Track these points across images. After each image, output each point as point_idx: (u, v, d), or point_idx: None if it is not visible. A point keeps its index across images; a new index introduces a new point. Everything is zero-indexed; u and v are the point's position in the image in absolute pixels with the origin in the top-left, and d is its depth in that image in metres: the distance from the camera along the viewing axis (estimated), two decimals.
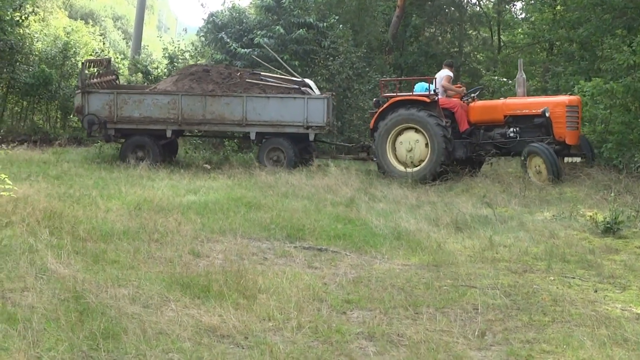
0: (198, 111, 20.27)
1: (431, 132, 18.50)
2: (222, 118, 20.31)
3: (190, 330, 6.54)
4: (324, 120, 20.13)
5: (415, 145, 18.79)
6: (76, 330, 6.30)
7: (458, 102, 19.40)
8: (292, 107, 20.16)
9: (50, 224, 10.42)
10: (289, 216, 12.27)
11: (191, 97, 20.31)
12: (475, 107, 19.37)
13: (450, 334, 6.78)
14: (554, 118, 17.99)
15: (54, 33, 31.78)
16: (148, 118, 20.32)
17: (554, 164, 16.93)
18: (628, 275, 9.19)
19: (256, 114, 20.17)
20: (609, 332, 6.82)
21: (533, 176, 17.36)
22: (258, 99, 20.23)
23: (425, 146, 18.68)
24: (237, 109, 20.19)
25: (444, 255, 10.05)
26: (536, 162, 17.39)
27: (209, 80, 21.03)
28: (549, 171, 16.94)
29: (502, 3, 38.31)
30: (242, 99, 20.15)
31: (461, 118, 19.10)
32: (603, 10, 24.63)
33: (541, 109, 18.16)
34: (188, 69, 22.31)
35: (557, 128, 17.97)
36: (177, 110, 20.20)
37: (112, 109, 20.25)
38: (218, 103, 20.25)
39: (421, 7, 35.81)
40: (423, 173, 18.45)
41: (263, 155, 20.35)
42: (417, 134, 18.84)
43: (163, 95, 20.45)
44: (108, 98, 20.41)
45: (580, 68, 24.86)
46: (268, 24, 27.90)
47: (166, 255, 9.32)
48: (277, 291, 7.84)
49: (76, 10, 57.43)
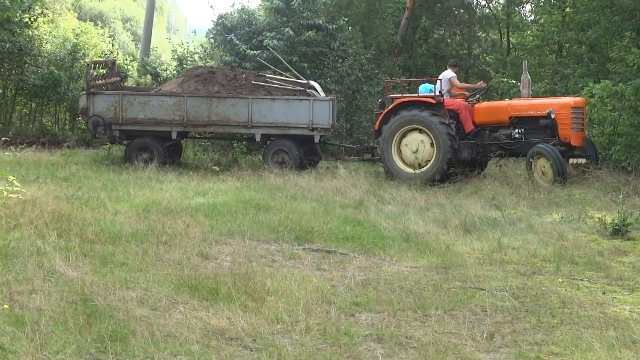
0: (203, 113, 20.23)
1: (435, 132, 18.49)
2: (228, 120, 20.27)
3: (199, 332, 6.54)
4: (329, 122, 20.08)
5: (420, 146, 18.77)
6: (84, 333, 6.31)
7: (463, 103, 19.44)
8: (298, 109, 20.11)
9: (59, 226, 10.43)
10: (298, 218, 12.27)
11: (196, 99, 20.28)
12: (480, 108, 19.38)
13: (458, 336, 6.77)
14: (559, 119, 17.96)
15: (63, 35, 31.80)
16: (153, 120, 20.29)
17: (559, 165, 16.91)
18: (636, 277, 9.17)
19: (261, 116, 20.13)
20: (617, 334, 6.81)
21: (539, 177, 17.35)
22: (263, 101, 20.20)
23: (430, 146, 18.66)
24: (243, 111, 20.16)
25: (453, 257, 10.04)
26: (542, 163, 17.37)
27: (214, 82, 21.02)
28: (554, 172, 16.91)
29: (512, 5, 38.26)
30: (248, 101, 20.12)
31: (466, 119, 19.10)
32: (612, 12, 24.61)
33: (546, 110, 18.11)
34: (193, 71, 22.32)
35: (563, 129, 17.92)
36: (182, 111, 20.17)
37: (117, 111, 20.24)
38: (223, 105, 20.23)
39: (430, 9, 35.77)
40: (431, 173, 18.45)
41: (268, 158, 20.34)
42: (421, 135, 18.84)
43: (168, 97, 20.43)
44: (113, 99, 20.40)
45: (589, 70, 24.84)
46: (277, 26, 27.93)
47: (174, 257, 9.33)
48: (285, 293, 7.84)
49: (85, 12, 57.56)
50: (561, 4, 29.84)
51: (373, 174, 19.88)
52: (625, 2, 23.54)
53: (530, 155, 17.64)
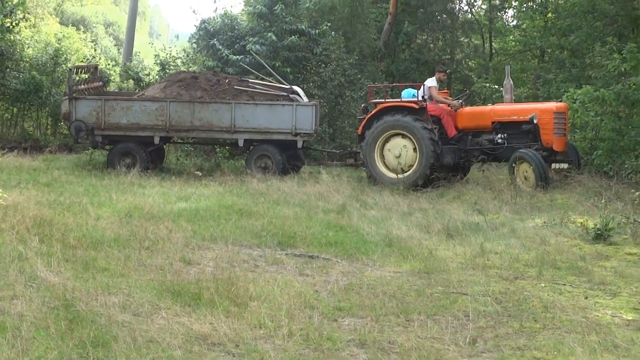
0: (186, 118, 20.21)
1: (418, 136, 18.51)
2: (210, 125, 20.26)
3: (181, 338, 6.52)
4: (312, 127, 20.12)
5: (403, 151, 18.81)
6: (66, 339, 6.28)
7: (445, 108, 19.46)
8: (281, 114, 20.13)
9: (40, 232, 10.39)
10: (281, 223, 12.26)
11: (179, 104, 20.24)
12: (462, 113, 19.44)
13: (441, 341, 6.78)
14: (541, 125, 18.05)
15: (45, 39, 31.67)
16: (136, 125, 20.23)
17: (542, 170, 16.98)
18: (618, 282, 9.21)
19: (244, 121, 20.13)
20: (599, 339, 6.83)
21: (521, 182, 17.41)
22: (246, 106, 20.20)
23: (413, 151, 18.69)
24: (225, 116, 20.15)
25: (435, 262, 10.05)
26: (524, 168, 17.43)
27: (197, 87, 21.00)
28: (537, 177, 16.98)
29: (494, 10, 38.38)
30: (231, 106, 20.12)
31: (448, 124, 19.17)
32: (594, 17, 24.74)
33: (529, 115, 18.20)
34: (176, 76, 22.27)
35: (545, 135, 18.02)
36: (165, 116, 20.13)
37: (100, 116, 20.18)
38: (206, 110, 20.23)
39: (413, 14, 35.83)
40: (413, 178, 18.46)
41: (251, 163, 20.35)
42: (404, 140, 18.86)
43: (151, 102, 20.37)
44: (95, 104, 20.33)
45: (571, 75, 24.93)
46: (260, 31, 27.90)
47: (157, 262, 9.31)
48: (268, 299, 7.84)
49: (67, 17, 57.33)
50: (543, 9, 29.95)
51: (356, 179, 19.89)
52: (607, 8, 23.67)
53: (512, 160, 17.68)
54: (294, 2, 28.57)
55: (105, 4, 73.93)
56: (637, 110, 18.77)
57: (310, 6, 28.81)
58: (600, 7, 23.98)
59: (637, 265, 10.21)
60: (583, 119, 19.14)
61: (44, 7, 50.41)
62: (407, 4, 35.34)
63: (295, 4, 28.59)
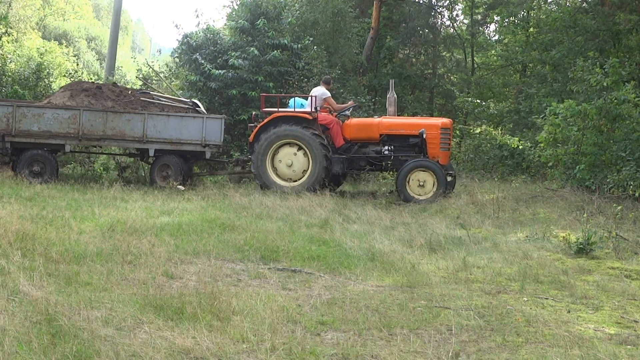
0: (99, 127, 20.31)
1: (310, 142, 19.36)
2: (123, 134, 20.45)
3: (164, 352, 6.50)
4: (220, 139, 20.63)
5: (294, 159, 19.62)
6: (48, 353, 6.25)
7: (334, 118, 20.17)
8: (191, 125, 20.58)
9: (23, 246, 10.34)
10: (263, 237, 12.24)
11: (92, 113, 20.34)
12: (350, 124, 20.18)
13: (424, 355, 6.78)
14: (428, 139, 19.21)
15: (28, 54, 31.71)
16: (47, 132, 20.19)
17: (443, 178, 18.31)
18: (600, 296, 9.24)
19: (156, 132, 20.47)
20: (581, 353, 6.84)
21: (412, 191, 18.57)
22: (158, 117, 20.55)
23: (304, 156, 19.55)
24: (138, 126, 20.41)
25: (418, 276, 10.06)
26: (420, 177, 18.55)
27: (104, 96, 21.21)
28: (439, 185, 18.33)
29: (476, 25, 38.59)
30: (143, 116, 20.41)
31: (337, 134, 19.92)
32: (575, 32, 24.93)
33: (419, 130, 19.19)
34: (79, 85, 22.14)
35: (431, 148, 19.19)
36: (77, 125, 20.18)
37: (10, 122, 20.08)
38: (119, 119, 20.41)
39: (395, 29, 35.99)
40: (310, 183, 19.37)
41: (154, 172, 20.82)
42: (293, 148, 19.64)
43: (64, 110, 20.31)
44: (6, 111, 20.20)
45: (553, 90, 25.12)
46: (242, 45, 27.88)
47: (139, 277, 9.27)
48: (251, 313, 7.82)
49: (50, 31, 57.36)
50: (525, 24, 30.16)
51: (339, 193, 19.92)
52: (588, 23, 23.86)
53: (407, 169, 18.54)
54: (276, 16, 28.62)
55: (87, 19, 74.04)
56: (618, 124, 18.91)
57: (292, 21, 28.83)
58: (581, 22, 24.20)
59: (619, 279, 10.25)
60: (565, 133, 19.24)
61: (26, 22, 50.41)
62: (389, 19, 35.54)
63: (278, 19, 28.64)
